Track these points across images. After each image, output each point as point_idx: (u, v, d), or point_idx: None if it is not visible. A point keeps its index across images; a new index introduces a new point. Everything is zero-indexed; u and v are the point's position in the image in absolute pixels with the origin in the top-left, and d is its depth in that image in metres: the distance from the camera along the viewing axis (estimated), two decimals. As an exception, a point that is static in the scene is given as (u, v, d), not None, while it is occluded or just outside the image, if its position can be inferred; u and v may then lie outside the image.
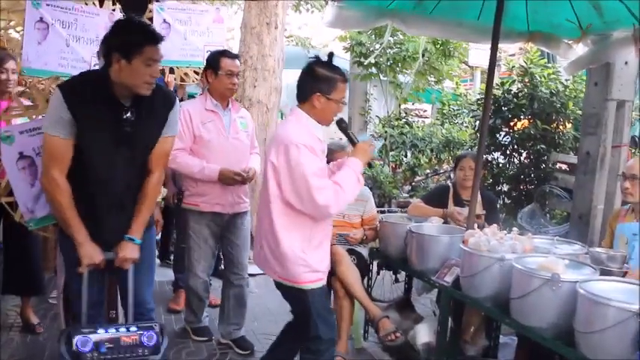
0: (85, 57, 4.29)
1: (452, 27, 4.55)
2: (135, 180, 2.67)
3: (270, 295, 5.08)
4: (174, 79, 5.54)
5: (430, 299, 4.74)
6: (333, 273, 3.78)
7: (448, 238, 3.52)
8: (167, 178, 4.62)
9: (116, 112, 2.54)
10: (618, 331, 2.27)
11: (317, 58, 2.94)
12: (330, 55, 2.96)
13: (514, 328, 3.04)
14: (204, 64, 4.04)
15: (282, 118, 12.37)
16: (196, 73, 5.35)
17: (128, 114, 2.55)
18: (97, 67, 3.57)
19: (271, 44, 6.74)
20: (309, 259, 2.82)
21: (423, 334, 3.74)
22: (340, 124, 3.02)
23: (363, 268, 4.06)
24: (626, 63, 4.28)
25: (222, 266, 4.50)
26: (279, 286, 2.96)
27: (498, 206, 5.09)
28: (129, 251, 2.65)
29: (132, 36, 2.51)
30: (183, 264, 4.28)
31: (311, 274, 2.84)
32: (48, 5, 3.84)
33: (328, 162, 4.03)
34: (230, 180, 3.75)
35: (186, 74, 5.48)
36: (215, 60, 3.81)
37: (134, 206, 2.69)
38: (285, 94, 7.51)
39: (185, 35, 5.48)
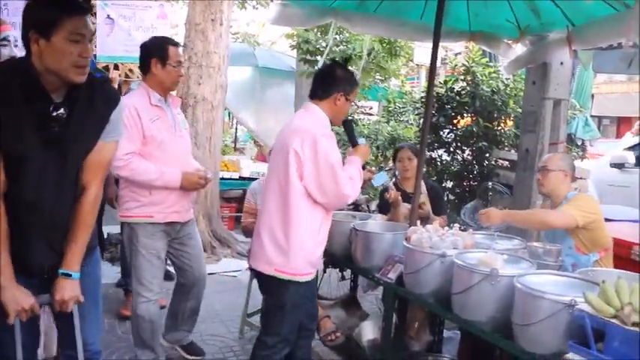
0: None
1: (395, 26, 4.62)
2: (68, 193, 2.20)
3: (216, 295, 5.03)
4: (119, 75, 5.44)
5: (376, 296, 4.78)
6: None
7: (391, 236, 3.53)
8: (109, 177, 4.26)
9: (43, 109, 2.07)
10: (552, 322, 2.34)
11: (335, 61, 3.14)
12: (347, 59, 3.19)
13: (456, 322, 3.09)
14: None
15: (228, 116, 12.33)
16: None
17: (59, 110, 2.09)
18: None
19: (216, 41, 6.66)
20: (312, 253, 2.94)
21: (369, 331, 3.77)
22: (347, 123, 3.19)
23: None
24: (561, 63, 4.43)
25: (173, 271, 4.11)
26: (265, 279, 2.99)
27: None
28: (67, 290, 2.19)
29: (48, 8, 2.03)
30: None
31: (308, 266, 2.95)
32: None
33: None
34: (195, 185, 3.47)
35: (131, 70, 5.38)
36: (162, 48, 3.39)
37: (68, 225, 2.22)
38: (230, 91, 7.46)
39: (129, 31, 5.45)
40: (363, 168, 3.14)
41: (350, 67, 3.14)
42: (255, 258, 3.02)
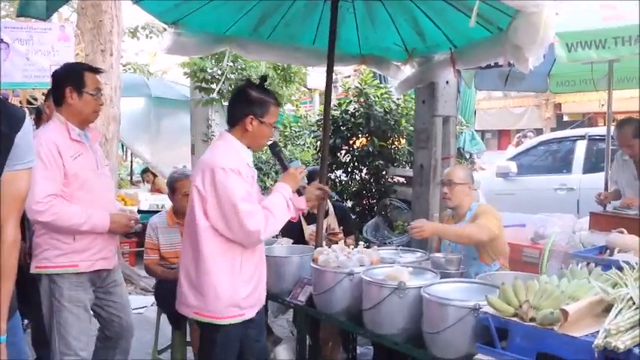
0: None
1: (289, 52, 4.73)
2: None
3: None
4: (20, 102, 5.13)
5: (287, 320, 4.78)
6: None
7: (299, 258, 3.55)
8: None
9: None
10: (460, 327, 2.47)
11: (249, 81, 2.94)
12: (263, 78, 2.96)
13: (369, 337, 3.17)
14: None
15: (122, 148, 11.95)
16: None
17: None
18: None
19: (107, 72, 6.46)
20: (234, 290, 2.71)
21: (283, 355, 3.77)
22: (273, 147, 3.00)
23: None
24: (447, 82, 4.72)
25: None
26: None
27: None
28: None
29: None
30: (43, 336, 3.70)
31: (231, 308, 2.73)
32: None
33: (174, 191, 3.95)
34: (124, 227, 3.14)
35: (33, 97, 5.11)
36: (77, 74, 3.02)
37: None
38: (124, 122, 7.25)
39: (27, 55, 5.14)
40: (299, 193, 2.93)
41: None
42: (177, 299, 2.85)
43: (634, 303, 2.15)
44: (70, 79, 3.00)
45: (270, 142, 2.99)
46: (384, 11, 4.22)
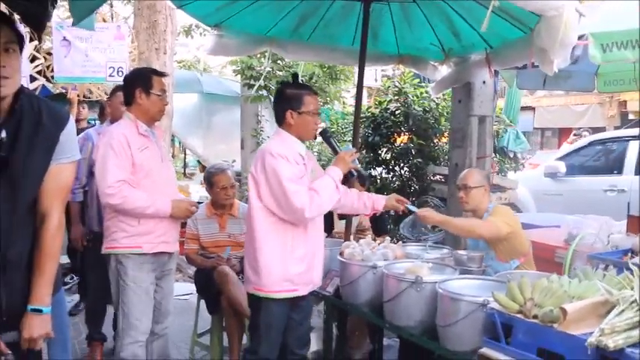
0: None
1: (328, 52, 4.88)
2: (22, 225, 2.03)
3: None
4: (77, 95, 5.55)
5: (318, 310, 4.94)
6: (221, 292, 3.90)
7: (328, 251, 3.66)
8: (74, 216, 4.20)
9: None
10: (469, 322, 2.57)
11: (284, 82, 3.24)
12: (294, 75, 3.25)
13: (388, 328, 3.29)
14: (107, 80, 3.93)
15: (174, 142, 12.41)
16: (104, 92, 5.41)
17: (1, 134, 1.94)
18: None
19: (160, 69, 6.77)
20: (286, 267, 2.98)
21: (313, 343, 3.92)
22: (324, 134, 3.23)
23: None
24: (484, 82, 4.75)
25: None
26: (249, 298, 3.13)
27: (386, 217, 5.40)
28: (37, 327, 2.01)
29: None
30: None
31: (283, 283, 2.99)
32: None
33: (212, 185, 4.18)
34: (185, 212, 3.41)
35: (89, 90, 5.52)
36: (145, 78, 3.34)
37: (27, 262, 2.04)
38: (177, 117, 7.58)
39: (86, 52, 5.57)
40: (351, 174, 3.15)
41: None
42: (244, 279, 3.16)
43: (638, 305, 2.20)
44: (139, 82, 3.32)
45: (319, 130, 3.19)
46: (420, 12, 4.30)
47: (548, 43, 2.99)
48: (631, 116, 16.65)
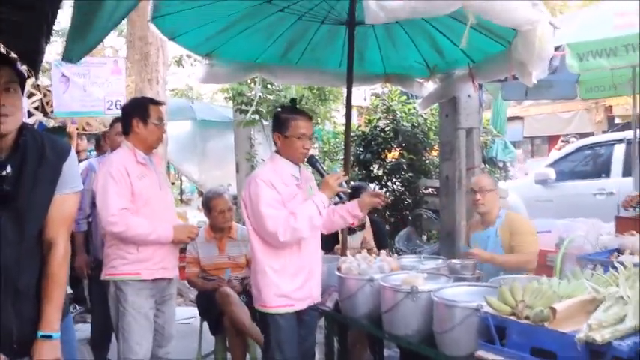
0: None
1: (317, 75, 5.04)
2: (30, 256, 2.11)
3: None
4: (77, 128, 5.69)
5: (320, 325, 5.01)
6: (223, 313, 3.99)
7: (326, 267, 3.75)
8: (78, 245, 4.26)
9: None
10: (464, 327, 2.66)
11: (280, 106, 3.31)
12: (292, 100, 3.41)
13: (387, 339, 3.39)
14: (106, 113, 4.04)
15: (170, 169, 12.53)
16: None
17: (5, 170, 2.01)
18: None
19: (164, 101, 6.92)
20: (280, 283, 3.10)
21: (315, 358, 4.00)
22: (310, 159, 3.28)
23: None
24: (469, 96, 4.90)
25: None
26: (259, 315, 3.25)
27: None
28: (47, 352, 2.07)
29: None
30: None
31: (279, 298, 3.10)
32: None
33: (210, 210, 4.28)
34: (188, 233, 3.47)
35: (88, 124, 5.66)
36: (142, 107, 3.39)
37: (35, 290, 2.11)
38: (171, 145, 7.72)
39: (84, 87, 5.74)
40: (340, 198, 3.25)
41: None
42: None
43: (624, 300, 2.31)
44: (137, 112, 3.39)
45: (307, 157, 3.26)
46: (403, 32, 4.45)
47: (525, 56, 3.14)
48: (617, 120, 16.86)
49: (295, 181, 3.17)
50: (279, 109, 3.32)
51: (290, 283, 3.12)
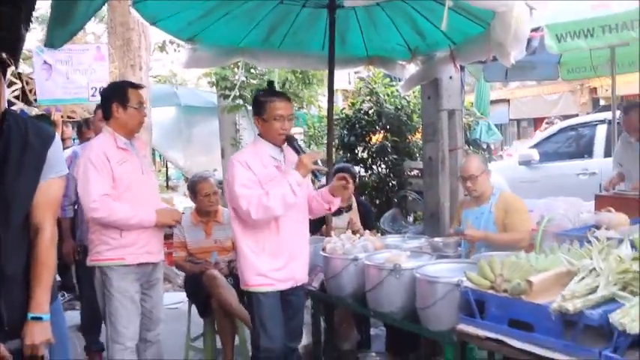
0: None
1: (300, 58, 5.07)
2: (17, 241, 2.14)
3: (158, 327, 5.19)
4: (62, 116, 5.68)
5: (307, 306, 5.08)
6: (210, 296, 4.04)
7: (313, 248, 3.82)
8: (65, 231, 4.28)
9: None
10: (446, 302, 2.76)
11: (258, 90, 3.46)
12: (269, 83, 3.47)
13: (372, 316, 3.47)
14: (91, 100, 4.01)
15: (155, 156, 12.51)
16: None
17: None
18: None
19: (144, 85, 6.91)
20: (259, 263, 3.17)
21: (302, 338, 4.07)
22: (288, 139, 3.23)
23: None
24: (450, 77, 4.93)
25: None
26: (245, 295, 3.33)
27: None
28: (38, 334, 2.11)
29: None
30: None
31: (258, 277, 3.17)
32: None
33: (195, 194, 4.32)
34: (172, 217, 3.50)
35: (73, 111, 5.66)
36: (121, 91, 3.37)
37: (24, 275, 2.15)
38: (156, 131, 7.71)
39: (67, 74, 5.72)
40: (315, 176, 3.32)
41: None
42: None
43: (596, 272, 2.39)
44: (116, 96, 3.37)
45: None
46: (384, 15, 4.48)
47: (503, 37, 3.18)
48: (602, 102, 16.98)
49: (275, 163, 3.21)
50: (257, 93, 3.38)
51: (269, 263, 3.18)
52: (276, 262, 3.20)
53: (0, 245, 2.08)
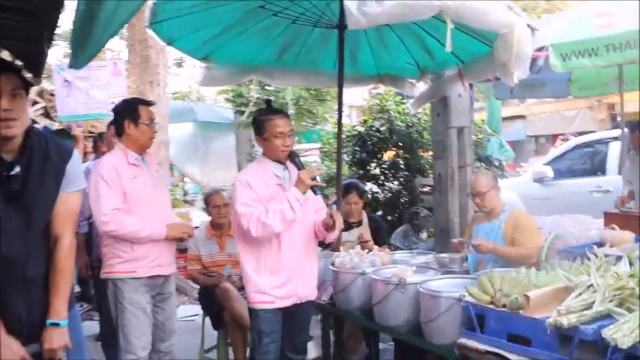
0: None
1: (312, 76, 5.17)
2: (38, 249, 2.28)
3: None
4: (82, 132, 5.87)
5: (316, 319, 5.15)
6: (223, 308, 4.14)
7: (322, 262, 3.87)
8: (78, 246, 4.35)
9: None
10: (448, 316, 2.82)
11: (257, 110, 3.45)
12: (267, 102, 3.56)
13: (378, 329, 3.54)
14: (110, 114, 4.11)
15: (173, 170, 12.71)
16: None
17: (15, 169, 2.18)
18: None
19: (155, 101, 7.08)
20: (259, 280, 3.23)
21: (312, 351, 4.14)
22: (290, 155, 3.32)
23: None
24: (459, 95, 5.02)
25: None
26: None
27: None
28: (56, 339, 2.24)
29: None
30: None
31: (258, 294, 3.24)
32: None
33: (207, 205, 4.45)
34: (181, 229, 3.59)
35: (93, 126, 5.84)
36: (132, 108, 3.47)
37: (43, 281, 2.28)
38: (173, 147, 7.88)
39: (87, 91, 5.93)
40: (314, 192, 3.28)
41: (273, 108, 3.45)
42: None
43: (593, 288, 2.45)
44: (127, 113, 3.48)
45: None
46: (394, 34, 4.58)
47: (506, 58, 3.26)
48: (619, 118, 16.79)
49: (278, 181, 3.27)
50: (256, 114, 3.42)
51: (269, 281, 3.22)
52: (276, 280, 3.23)
53: (21, 250, 2.22)
